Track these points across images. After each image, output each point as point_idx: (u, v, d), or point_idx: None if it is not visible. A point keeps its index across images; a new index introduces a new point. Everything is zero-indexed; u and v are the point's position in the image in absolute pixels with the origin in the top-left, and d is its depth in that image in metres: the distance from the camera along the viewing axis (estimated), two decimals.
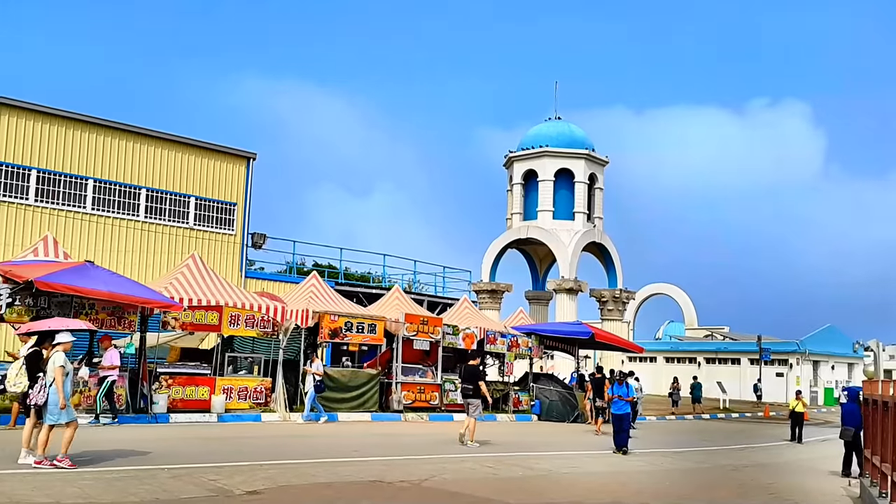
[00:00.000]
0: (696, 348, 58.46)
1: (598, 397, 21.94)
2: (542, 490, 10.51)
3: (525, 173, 39.56)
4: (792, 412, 21.76)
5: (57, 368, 9.81)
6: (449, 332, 23.26)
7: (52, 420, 9.81)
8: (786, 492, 11.69)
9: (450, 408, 22.65)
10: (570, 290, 37.55)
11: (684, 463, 15.02)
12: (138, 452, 11.41)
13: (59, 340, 10.12)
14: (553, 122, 40.54)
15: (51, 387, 9.81)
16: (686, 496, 10.75)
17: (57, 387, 9.77)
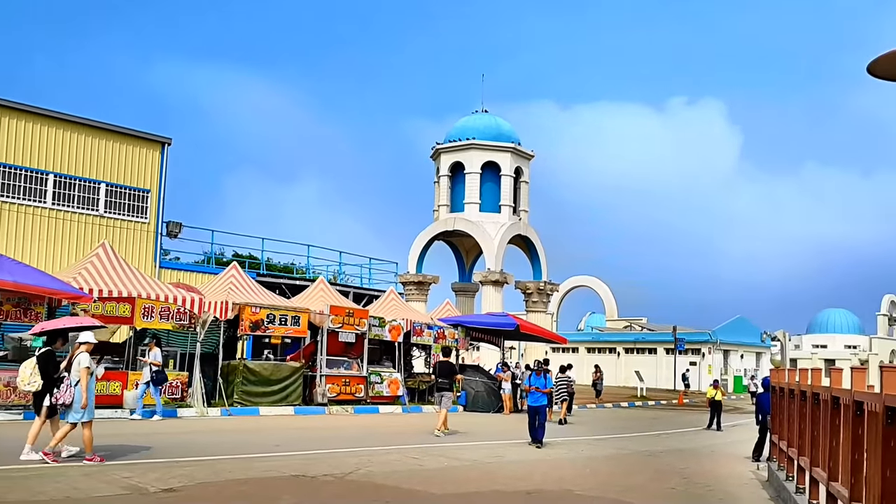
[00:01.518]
0: (615, 339, 59.99)
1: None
2: (467, 480, 10.54)
3: (452, 165, 39.62)
4: (710, 401, 22.43)
5: (83, 369, 10.18)
6: (375, 325, 23.06)
7: (75, 418, 10.13)
8: (698, 476, 12.06)
9: (375, 400, 22.49)
10: (495, 283, 37.84)
11: (604, 450, 15.31)
12: None
13: (83, 340, 10.42)
14: (480, 114, 40.73)
15: (76, 386, 10.12)
16: (605, 482, 10.95)
17: (82, 386, 10.12)
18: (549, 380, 16.16)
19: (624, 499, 9.65)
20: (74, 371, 10.18)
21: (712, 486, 11.04)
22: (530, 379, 16.24)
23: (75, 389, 10.11)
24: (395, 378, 23.32)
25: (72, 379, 10.16)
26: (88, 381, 10.17)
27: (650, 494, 10.06)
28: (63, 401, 10.08)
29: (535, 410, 15.28)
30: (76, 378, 10.15)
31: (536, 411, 15.26)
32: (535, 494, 9.73)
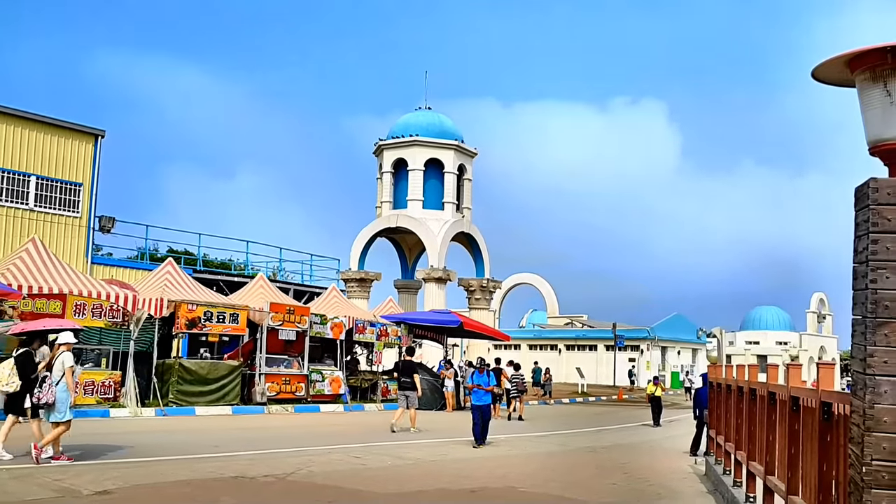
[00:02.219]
0: (557, 336, 60.71)
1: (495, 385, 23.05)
2: (411, 479, 10.44)
3: (395, 162, 39.42)
4: (650, 396, 22.69)
5: (67, 369, 10.35)
6: (317, 322, 22.76)
7: (57, 418, 10.24)
8: (638, 471, 12.21)
9: (316, 399, 22.19)
10: (438, 280, 37.81)
11: (547, 446, 15.40)
12: None
13: (63, 341, 10.57)
14: (423, 111, 40.60)
15: (58, 385, 10.24)
16: (548, 478, 10.99)
17: (69, 386, 10.34)
18: (492, 377, 15.71)
19: (567, 495, 9.68)
20: (56, 371, 10.30)
21: (652, 480, 11.18)
22: (473, 377, 15.75)
23: (57, 389, 10.21)
24: (337, 376, 23.06)
25: (53, 378, 10.24)
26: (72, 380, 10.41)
27: (592, 490, 10.11)
28: (45, 400, 10.13)
29: (479, 409, 14.75)
30: (58, 377, 10.26)
31: (480, 410, 14.73)
32: (479, 492, 9.69)
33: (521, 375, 23.94)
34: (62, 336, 10.68)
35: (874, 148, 3.86)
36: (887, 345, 3.48)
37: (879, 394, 3.47)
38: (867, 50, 3.75)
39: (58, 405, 10.19)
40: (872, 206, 3.56)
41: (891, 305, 3.48)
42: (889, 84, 3.72)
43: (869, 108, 3.87)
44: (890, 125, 3.75)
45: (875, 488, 3.43)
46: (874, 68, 3.78)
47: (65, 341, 10.55)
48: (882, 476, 3.42)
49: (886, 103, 3.76)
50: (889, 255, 3.51)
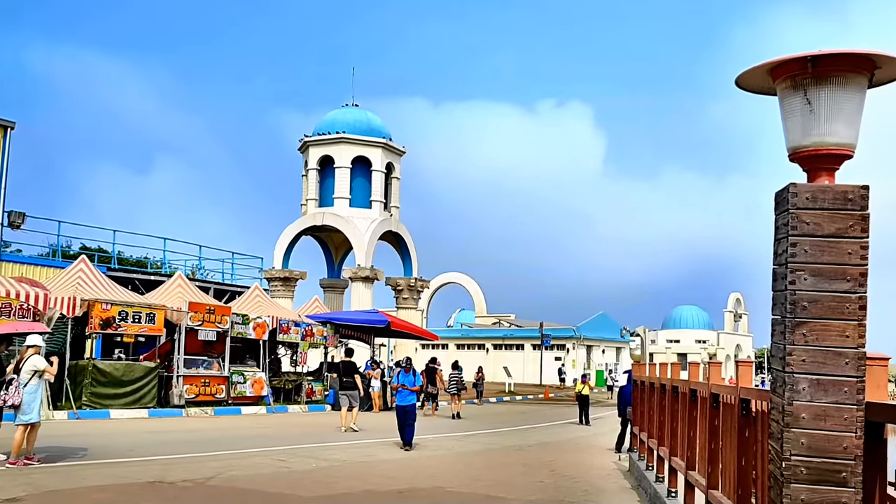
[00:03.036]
0: (484, 335, 61.17)
1: (430, 384, 23.92)
2: (337, 481, 10.31)
3: (321, 159, 38.96)
4: (578, 395, 22.92)
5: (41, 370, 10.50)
6: (238, 322, 22.26)
7: (24, 420, 10.31)
8: (565, 468, 12.40)
9: (237, 401, 21.70)
10: (366, 279, 37.56)
11: (474, 445, 15.46)
12: None
13: (31, 343, 10.65)
14: (350, 108, 40.25)
15: (26, 387, 10.32)
16: (476, 477, 11.03)
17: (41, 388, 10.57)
18: (418, 377, 15.34)
19: (494, 493, 9.73)
20: (25, 373, 10.38)
21: (578, 477, 11.36)
22: (398, 377, 15.30)
23: (25, 391, 10.31)
24: (260, 377, 22.63)
25: (21, 380, 10.33)
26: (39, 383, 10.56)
27: (519, 488, 10.19)
28: (12, 402, 10.19)
29: (405, 410, 14.37)
30: (25, 379, 10.36)
31: (406, 411, 14.35)
32: (406, 493, 9.64)
33: (459, 374, 24.70)
34: (30, 339, 10.78)
35: (794, 154, 3.97)
36: (805, 344, 3.59)
37: (798, 391, 3.57)
38: (788, 59, 3.86)
39: (24, 407, 10.26)
40: (792, 210, 3.67)
41: (808, 306, 3.59)
42: (809, 93, 3.84)
43: (789, 115, 3.98)
44: (809, 133, 3.87)
45: (794, 482, 3.53)
46: (794, 77, 3.89)
47: (32, 343, 10.66)
48: (801, 471, 3.53)
49: (806, 111, 3.87)
50: (807, 257, 3.62)
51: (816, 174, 3.90)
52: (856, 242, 3.59)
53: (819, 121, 3.83)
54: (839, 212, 3.62)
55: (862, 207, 3.61)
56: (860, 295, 3.57)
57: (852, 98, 3.79)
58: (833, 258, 3.60)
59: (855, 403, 3.52)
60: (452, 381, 24.38)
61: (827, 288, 3.59)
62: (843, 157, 3.84)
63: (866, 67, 3.75)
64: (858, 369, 3.54)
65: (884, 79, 3.83)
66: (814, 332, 3.58)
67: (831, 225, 3.62)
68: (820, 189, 3.68)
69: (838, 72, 3.77)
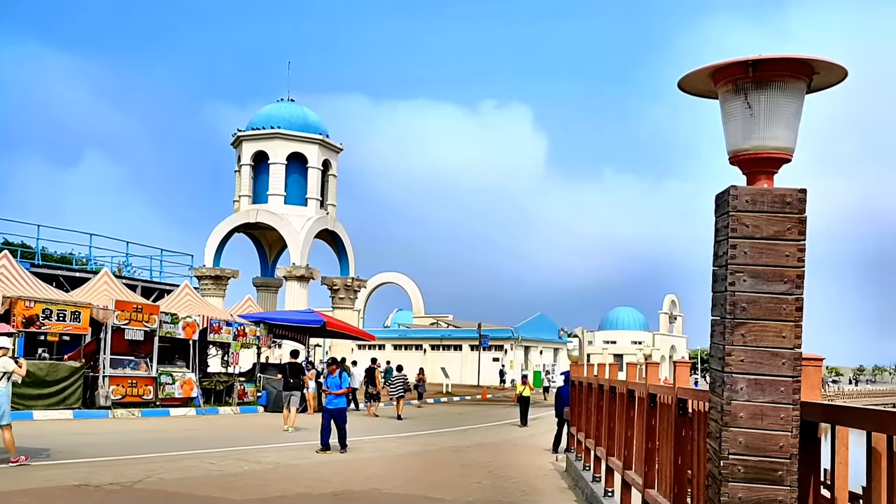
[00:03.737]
0: (422, 335, 61.08)
1: (370, 385, 24.20)
2: (269, 484, 10.11)
3: (255, 154, 38.29)
4: (519, 396, 22.90)
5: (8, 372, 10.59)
6: (167, 321, 21.67)
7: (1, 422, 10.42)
8: (503, 469, 12.43)
9: (166, 402, 21.12)
10: (301, 278, 37.07)
11: (412, 447, 15.37)
12: None
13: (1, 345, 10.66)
14: (286, 103, 39.66)
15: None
16: (413, 479, 10.96)
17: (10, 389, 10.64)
18: (345, 379, 14.63)
19: (432, 495, 9.68)
20: None
21: (515, 478, 11.40)
22: (327, 379, 14.61)
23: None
24: (189, 378, 22.09)
25: None
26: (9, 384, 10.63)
27: (457, 489, 10.16)
28: None
29: (330, 413, 13.74)
30: None
31: (333, 414, 13.73)
32: (342, 495, 9.51)
33: (404, 376, 24.82)
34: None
35: (734, 157, 4.03)
36: (744, 344, 3.63)
37: (736, 391, 3.61)
38: (730, 63, 3.91)
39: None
40: (732, 212, 3.70)
41: (747, 307, 3.64)
42: (749, 97, 3.89)
43: (730, 119, 4.03)
44: (749, 136, 3.92)
45: (732, 481, 3.57)
46: (736, 81, 3.94)
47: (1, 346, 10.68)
48: (738, 469, 3.57)
49: (746, 115, 3.92)
50: (746, 259, 3.66)
51: (756, 177, 3.96)
52: (793, 245, 3.65)
53: (759, 125, 3.89)
54: (778, 214, 3.67)
55: (800, 210, 3.67)
56: (797, 296, 3.63)
57: (791, 103, 3.86)
58: (771, 260, 3.65)
59: (791, 403, 3.57)
60: (397, 383, 24.45)
61: (765, 289, 3.64)
62: (781, 160, 3.91)
63: (805, 73, 3.82)
64: (794, 369, 3.59)
65: (821, 84, 3.92)
66: (752, 332, 3.62)
67: (770, 227, 3.67)
68: (759, 192, 3.73)
69: (778, 77, 3.83)
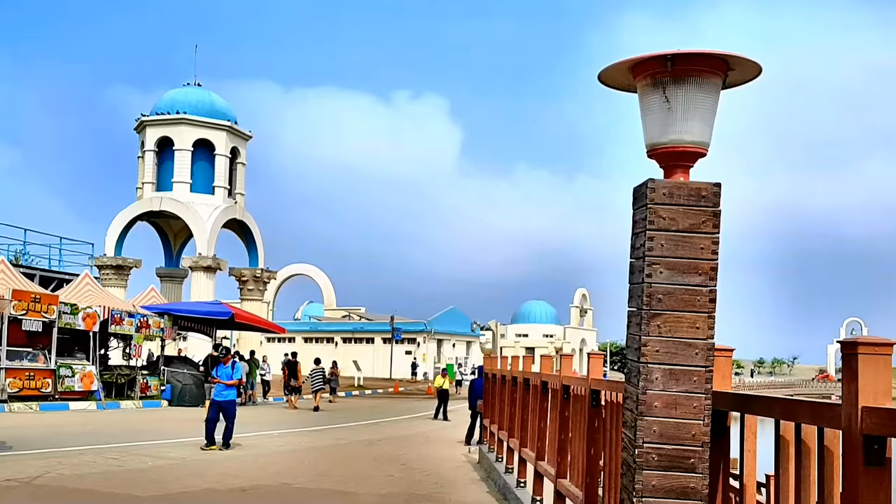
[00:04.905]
0: (334, 328, 60.42)
1: (292, 378, 24.55)
2: (174, 479, 9.79)
3: (160, 140, 36.99)
4: (438, 390, 22.77)
5: None
6: (66, 312, 20.76)
7: None
8: (415, 462, 12.39)
9: (65, 396, 20.27)
10: (207, 269, 36.12)
11: (323, 441, 15.17)
12: None
13: None
14: (193, 88, 38.42)
15: None
16: (324, 473, 10.81)
17: None
18: (237, 370, 13.64)
19: (343, 489, 9.56)
20: None
21: (428, 470, 11.37)
22: (217, 369, 13.71)
23: None
24: (90, 371, 21.22)
25: None
26: None
27: (369, 482, 10.06)
28: None
29: (220, 406, 12.87)
30: None
31: (221, 407, 12.86)
32: (250, 491, 9.28)
33: (322, 369, 25.18)
34: None
35: (651, 151, 4.08)
36: (659, 335, 3.68)
37: (651, 381, 3.67)
38: (649, 57, 3.94)
39: None
40: (650, 205, 3.75)
41: (663, 298, 3.69)
42: (667, 91, 3.95)
43: (648, 112, 4.08)
44: (666, 130, 3.97)
45: (646, 469, 3.63)
46: (654, 75, 3.98)
47: None
48: (652, 458, 3.62)
49: (664, 109, 3.97)
50: (663, 251, 3.71)
51: (672, 171, 4.01)
52: (708, 238, 3.73)
53: (676, 119, 3.94)
54: (693, 208, 3.74)
55: (714, 204, 3.74)
56: (710, 288, 3.71)
57: (707, 98, 3.94)
58: (687, 252, 3.71)
59: (703, 392, 3.65)
60: (316, 376, 24.48)
61: (680, 281, 3.70)
62: (697, 154, 3.98)
63: (721, 69, 3.89)
64: (707, 360, 3.67)
65: (736, 81, 4.01)
66: (667, 323, 3.68)
67: (686, 220, 3.73)
68: (676, 185, 3.79)
69: (695, 72, 3.89)
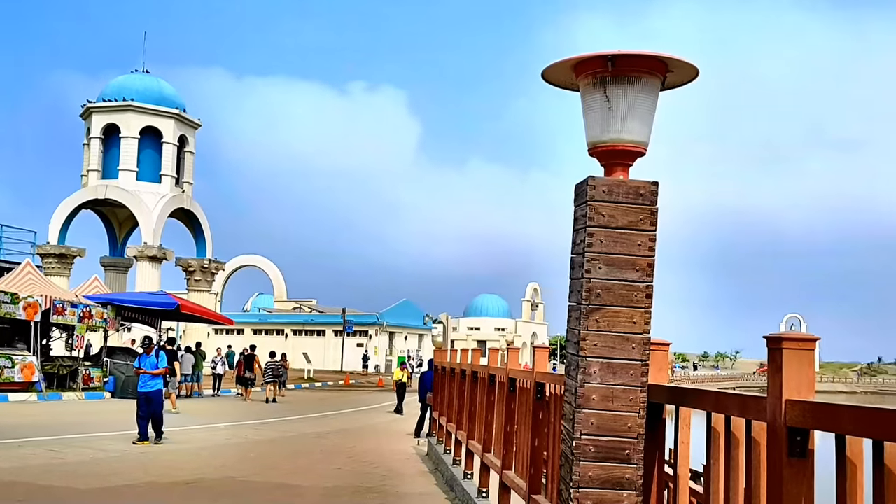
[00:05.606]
0: (284, 320, 59.76)
1: (248, 370, 25.14)
2: (116, 473, 9.63)
3: (106, 127, 36.14)
4: (397, 383, 22.61)
5: None
6: (6, 301, 20.31)
7: None
8: (364, 454, 12.39)
9: (5, 387, 19.97)
10: (153, 258, 35.45)
11: (270, 433, 15.06)
12: None
13: None
14: (141, 74, 37.60)
15: None
16: (270, 466, 10.74)
17: None
18: (162, 359, 13.03)
19: (288, 482, 9.51)
20: None
21: (376, 463, 11.38)
22: (139, 360, 13.02)
23: None
24: (30, 362, 20.76)
25: None
26: None
27: (316, 475, 10.04)
28: None
29: (147, 397, 12.33)
30: None
31: (148, 398, 12.33)
32: (194, 484, 9.17)
33: (277, 362, 25.47)
34: None
35: (592, 149, 4.15)
36: (598, 329, 3.77)
37: (590, 374, 3.75)
38: (591, 56, 4.01)
39: None
40: (590, 202, 3.83)
41: (602, 294, 3.78)
42: (608, 90, 4.02)
43: (589, 111, 4.15)
44: (607, 129, 4.05)
45: (583, 460, 3.71)
46: (596, 74, 4.05)
47: None
48: (589, 449, 3.71)
49: (605, 108, 4.05)
50: (602, 247, 3.80)
51: (612, 169, 4.09)
52: (645, 235, 3.82)
53: (616, 118, 4.02)
54: (631, 205, 3.83)
55: (652, 202, 3.84)
56: (647, 284, 3.81)
57: (647, 98, 4.02)
58: (625, 249, 3.80)
59: (640, 385, 3.75)
60: (269, 369, 24.74)
61: (618, 277, 3.79)
62: (636, 153, 4.06)
63: (660, 70, 3.98)
64: (643, 353, 3.77)
65: (675, 82, 4.10)
66: (606, 318, 3.77)
67: (624, 217, 3.82)
68: (615, 183, 3.87)
69: (635, 72, 3.97)
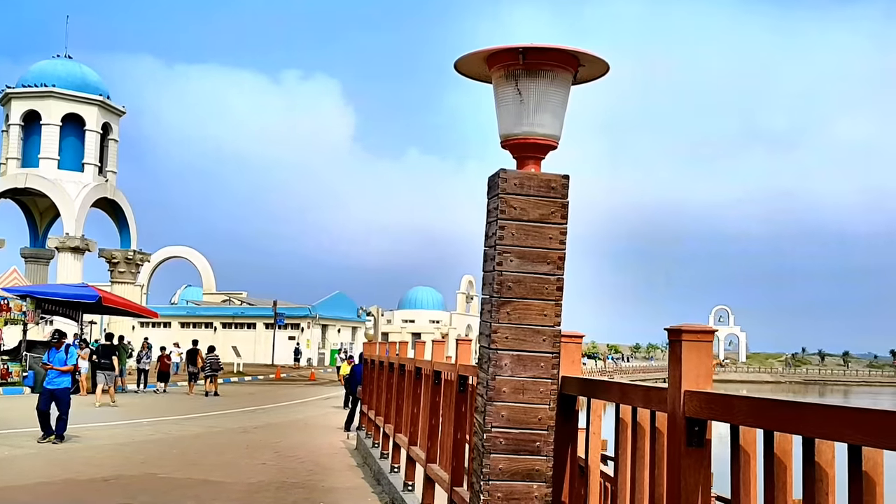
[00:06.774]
0: (212, 313, 58.51)
1: (191, 364, 25.63)
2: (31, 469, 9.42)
3: (26, 114, 34.85)
4: (345, 378, 22.14)
5: None
6: None
7: None
8: (291, 449, 12.25)
9: None
10: (75, 249, 34.30)
11: (194, 429, 14.76)
12: None
13: None
14: (63, 60, 36.23)
15: None
16: (193, 461, 10.56)
17: None
18: (72, 355, 12.81)
19: (211, 478, 9.33)
20: None
21: (304, 457, 11.25)
22: (48, 355, 12.69)
23: None
24: None
25: None
26: None
27: (241, 471, 9.86)
28: None
29: (53, 394, 11.97)
30: None
31: (55, 396, 11.97)
32: (113, 481, 8.94)
33: (216, 356, 25.74)
34: None
35: (505, 142, 4.15)
36: (509, 322, 3.78)
37: (501, 367, 3.76)
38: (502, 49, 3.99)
39: None
40: (501, 194, 3.83)
41: (513, 286, 3.78)
42: (520, 83, 4.01)
43: (502, 104, 4.14)
44: (519, 122, 4.04)
45: (493, 453, 3.72)
46: (508, 67, 4.03)
47: None
48: (500, 441, 3.72)
49: (517, 101, 4.04)
50: (513, 240, 3.80)
51: (525, 162, 4.10)
52: (556, 228, 3.84)
53: (528, 111, 4.01)
54: (543, 199, 3.84)
55: (563, 196, 3.86)
56: (558, 277, 3.83)
57: (558, 92, 4.03)
58: (536, 242, 3.81)
59: (550, 378, 3.77)
60: (208, 363, 25.12)
61: (530, 270, 3.80)
62: (548, 147, 4.07)
63: (571, 64, 3.99)
64: (554, 346, 3.79)
65: (586, 77, 4.12)
66: (517, 310, 3.78)
67: (536, 211, 3.83)
68: (527, 176, 3.88)
69: (547, 66, 3.97)
